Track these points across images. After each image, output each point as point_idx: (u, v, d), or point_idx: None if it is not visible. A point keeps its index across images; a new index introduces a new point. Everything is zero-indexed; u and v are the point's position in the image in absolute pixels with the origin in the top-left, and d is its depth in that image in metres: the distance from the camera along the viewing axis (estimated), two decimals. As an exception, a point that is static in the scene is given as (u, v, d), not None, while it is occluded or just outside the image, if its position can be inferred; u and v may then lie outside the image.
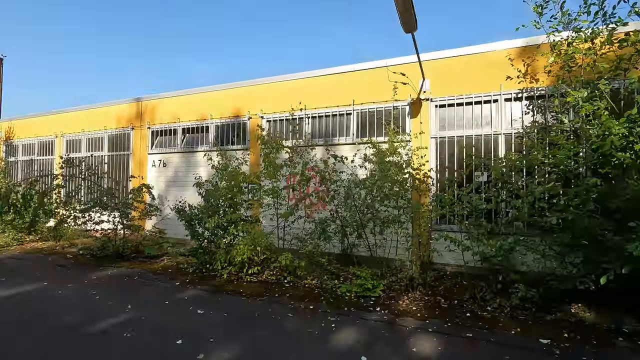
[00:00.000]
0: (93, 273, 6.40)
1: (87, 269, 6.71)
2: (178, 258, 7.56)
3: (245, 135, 8.60)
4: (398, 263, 6.05)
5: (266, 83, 8.38)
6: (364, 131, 7.31)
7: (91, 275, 6.23)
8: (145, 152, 10.00)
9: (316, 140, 7.73)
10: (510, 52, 6.13)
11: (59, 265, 7.02)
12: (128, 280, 5.98)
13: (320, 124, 7.75)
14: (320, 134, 7.75)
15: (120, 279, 6.06)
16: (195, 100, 9.31)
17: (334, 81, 7.63)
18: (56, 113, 12.04)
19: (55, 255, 7.92)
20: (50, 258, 7.69)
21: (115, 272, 6.45)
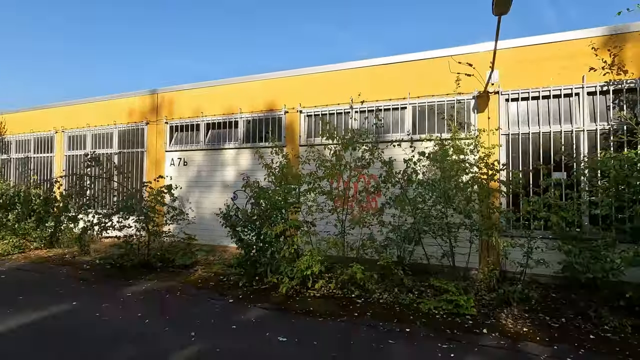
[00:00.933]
0: (124, 288, 5.56)
1: (114, 283, 5.85)
2: (213, 268, 6.77)
3: (281, 131, 7.84)
4: (476, 273, 5.47)
5: (305, 74, 7.64)
6: (422, 127, 6.68)
7: (124, 291, 5.39)
8: (163, 149, 9.10)
9: (365, 137, 7.04)
10: (593, 41, 5.60)
11: (80, 278, 6.12)
12: (170, 296, 5.18)
13: (370, 120, 7.07)
14: (369, 130, 7.07)
15: (159, 295, 5.24)
16: (221, 93, 8.48)
17: (385, 72, 6.97)
18: (56, 106, 10.95)
19: (69, 266, 7.00)
20: (65, 269, 6.77)
21: (149, 287, 5.63)
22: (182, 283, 5.83)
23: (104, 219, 6.74)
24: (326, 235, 5.98)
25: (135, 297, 5.11)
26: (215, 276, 6.23)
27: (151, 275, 6.32)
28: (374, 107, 6.98)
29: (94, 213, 6.94)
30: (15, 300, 4.94)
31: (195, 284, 5.77)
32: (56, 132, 10.78)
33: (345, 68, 7.28)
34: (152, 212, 6.82)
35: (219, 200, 8.35)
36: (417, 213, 5.35)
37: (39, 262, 7.37)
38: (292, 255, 5.17)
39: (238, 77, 8.31)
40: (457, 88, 6.26)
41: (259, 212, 5.66)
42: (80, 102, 10.50)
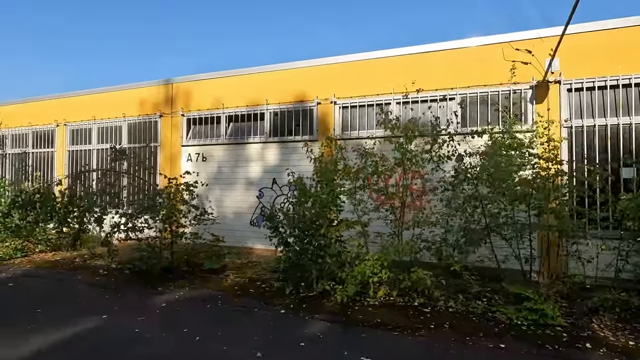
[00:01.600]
0: (155, 297, 4.95)
1: (141, 291, 5.23)
2: (246, 272, 6.18)
3: (312, 123, 7.28)
4: (538, 277, 5.01)
5: (340, 62, 7.08)
6: (473, 119, 6.21)
7: (156, 301, 4.77)
8: (179, 143, 8.44)
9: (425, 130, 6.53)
10: (667, 26, 5.19)
11: (101, 286, 5.47)
12: (211, 306, 4.58)
13: (411, 111, 6.57)
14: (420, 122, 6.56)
15: (199, 305, 4.65)
16: (244, 83, 7.87)
17: (428, 61, 6.47)
18: (57, 97, 10.15)
19: (82, 272, 6.33)
20: (79, 275, 6.10)
21: (183, 295, 5.02)
22: (217, 290, 5.23)
23: (131, 219, 6.08)
24: (374, 236, 5.46)
25: (172, 308, 4.51)
26: (250, 282, 5.65)
27: (179, 281, 5.70)
28: (419, 97, 6.47)
29: (115, 213, 6.25)
30: (33, 314, 4.28)
31: (233, 292, 5.18)
32: (57, 125, 9.99)
33: (385, 56, 6.75)
34: (177, 212, 6.18)
35: (242, 199, 7.77)
36: (485, 212, 4.87)
37: (47, 267, 6.67)
38: (352, 260, 4.62)
39: (264, 66, 7.71)
40: (512, 77, 5.79)
41: (305, 213, 5.09)
42: (84, 93, 9.74)
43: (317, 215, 4.95)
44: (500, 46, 5.96)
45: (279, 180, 7.47)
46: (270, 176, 7.55)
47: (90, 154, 9.56)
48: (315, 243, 4.97)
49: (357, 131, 6.90)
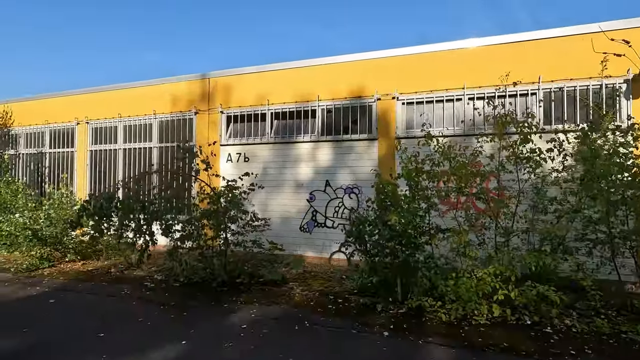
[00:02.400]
0: (227, 316, 4.34)
1: (206, 309, 4.61)
2: (310, 284, 5.60)
3: (371, 121, 6.73)
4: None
5: (403, 55, 6.55)
6: (558, 116, 5.71)
7: (232, 321, 4.16)
8: (217, 143, 7.81)
9: (477, 128, 6.03)
10: None
11: (157, 302, 4.83)
12: (300, 328, 3.98)
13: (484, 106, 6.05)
14: (481, 121, 6.06)
15: (284, 326, 4.05)
16: (292, 77, 7.28)
17: (504, 53, 5.97)
18: (78, 93, 9.44)
19: (126, 285, 5.69)
20: (124, 288, 5.46)
21: (258, 313, 4.41)
22: (293, 307, 4.64)
23: (189, 225, 5.46)
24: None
25: (257, 331, 3.90)
26: (322, 296, 5.06)
27: (242, 296, 5.10)
28: (495, 93, 5.97)
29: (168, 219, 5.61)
30: (97, 340, 3.65)
31: (311, 309, 4.59)
32: (78, 123, 9.28)
33: (453, 48, 6.24)
34: (236, 216, 5.59)
35: (291, 203, 7.18)
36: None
37: (83, 280, 6.00)
38: (463, 273, 4.06)
39: (315, 59, 7.13)
40: (603, 70, 5.30)
41: (395, 220, 4.52)
42: (108, 89, 9.05)
43: (409, 223, 4.38)
44: (589, 36, 5.47)
45: (333, 183, 6.91)
46: (322, 178, 6.98)
47: (115, 154, 8.87)
48: (407, 254, 4.41)
49: (422, 129, 6.35)
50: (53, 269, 6.73)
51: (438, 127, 6.27)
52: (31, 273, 6.42)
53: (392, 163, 6.47)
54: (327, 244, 6.88)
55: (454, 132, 6.14)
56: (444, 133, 6.14)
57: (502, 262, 3.99)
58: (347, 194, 6.81)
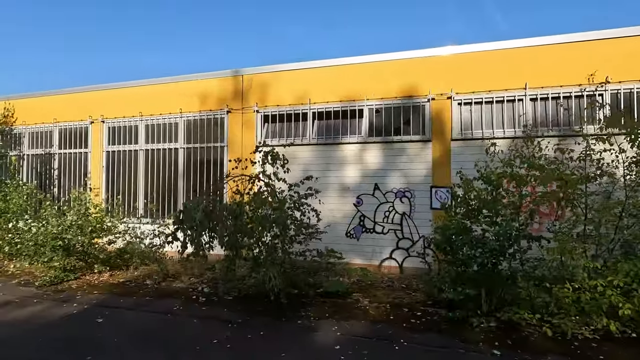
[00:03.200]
0: (309, 335, 3.97)
1: (278, 325, 4.23)
2: (376, 294, 5.27)
3: (424, 122, 6.45)
4: None
5: (457, 53, 6.30)
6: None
7: (321, 341, 3.80)
8: (252, 143, 7.37)
9: (540, 129, 5.84)
10: None
11: (223, 320, 4.38)
12: (402, 349, 3.63)
13: (546, 109, 5.88)
14: (545, 122, 5.88)
15: (380, 344, 3.70)
16: (336, 75, 6.93)
17: (565, 53, 5.80)
18: (92, 90, 8.78)
19: (174, 299, 5.20)
20: (178, 304, 4.96)
21: (341, 330, 4.03)
22: (373, 322, 4.29)
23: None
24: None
25: (353, 351, 3.52)
26: (395, 308, 4.74)
27: (308, 309, 4.71)
28: (559, 93, 5.79)
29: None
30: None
31: (393, 323, 4.24)
32: (92, 122, 8.63)
33: (515, 46, 6.03)
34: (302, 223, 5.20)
35: (336, 207, 6.82)
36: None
37: (121, 294, 5.47)
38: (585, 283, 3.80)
39: (361, 57, 6.80)
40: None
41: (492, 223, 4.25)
42: (127, 85, 8.45)
43: (503, 231, 4.10)
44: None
45: (382, 186, 6.59)
46: (370, 181, 6.66)
47: (136, 156, 8.27)
48: (494, 263, 4.14)
49: (480, 131, 6.13)
50: (79, 281, 6.14)
51: (497, 129, 6.05)
52: (57, 287, 5.82)
53: (447, 166, 6.23)
54: (377, 250, 6.55)
55: (514, 134, 5.93)
56: (504, 135, 5.93)
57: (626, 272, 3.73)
58: (398, 198, 6.51)
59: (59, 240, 5.79)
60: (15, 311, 4.76)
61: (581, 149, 4.49)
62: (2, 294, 5.52)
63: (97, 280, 6.21)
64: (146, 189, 8.14)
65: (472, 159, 6.01)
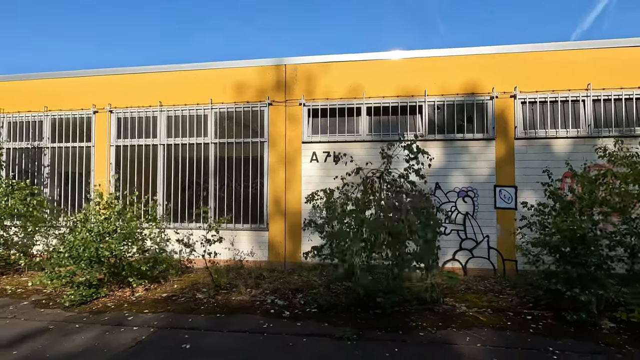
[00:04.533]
0: (447, 347, 3.58)
1: (406, 340, 3.78)
2: (466, 298, 5.01)
3: (486, 120, 6.34)
4: None
5: (520, 52, 6.28)
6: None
7: (469, 354, 3.43)
8: (298, 139, 6.79)
9: (601, 130, 6.01)
10: None
11: (337, 338, 3.84)
12: (557, 356, 3.40)
13: (615, 110, 6.04)
14: (608, 122, 6.05)
15: (533, 356, 3.43)
16: (393, 69, 6.60)
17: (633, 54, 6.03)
18: (95, 74, 7.58)
19: (249, 314, 4.54)
20: (261, 321, 4.31)
21: (473, 341, 3.71)
22: (497, 330, 4.01)
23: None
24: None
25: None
26: (499, 312, 4.51)
27: (413, 318, 4.33)
28: (622, 94, 5.99)
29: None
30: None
31: (517, 329, 4.00)
32: (96, 111, 7.45)
33: (577, 48, 6.14)
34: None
35: (394, 207, 6.46)
36: None
37: (178, 311, 4.67)
38: None
39: (420, 50, 6.55)
40: None
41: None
42: (144, 71, 7.41)
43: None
44: None
45: (444, 185, 6.39)
46: (431, 180, 6.40)
47: (155, 151, 7.26)
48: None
49: (544, 130, 6.16)
50: (111, 298, 5.18)
51: (561, 129, 6.12)
52: (89, 306, 4.84)
53: (511, 165, 6.18)
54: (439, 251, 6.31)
55: (577, 134, 6.03)
56: (567, 135, 6.02)
57: None
58: (460, 197, 6.34)
59: (102, 249, 4.80)
60: (62, 342, 3.81)
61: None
62: (25, 319, 4.46)
63: (131, 296, 5.28)
64: (168, 189, 7.17)
65: (537, 158, 6.07)
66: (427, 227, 4.09)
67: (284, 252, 6.75)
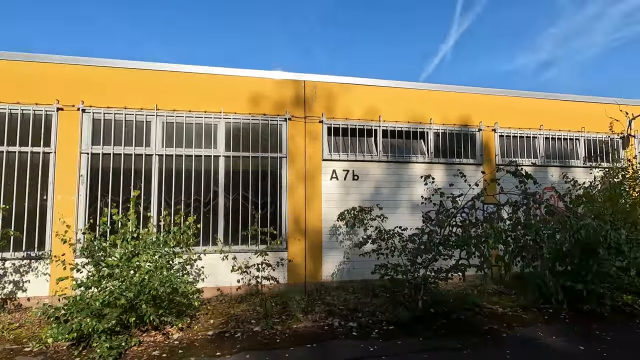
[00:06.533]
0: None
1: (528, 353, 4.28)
2: (505, 303, 5.82)
3: (475, 148, 7.54)
4: None
5: (499, 95, 7.75)
6: (592, 156, 8.17)
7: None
8: (317, 156, 6.74)
9: (550, 160, 7.89)
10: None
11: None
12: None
13: (558, 146, 7.97)
14: (553, 156, 7.96)
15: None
16: (404, 97, 7.24)
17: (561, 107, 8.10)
18: (61, 62, 5.97)
19: (347, 344, 4.36)
20: (388, 348, 4.20)
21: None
22: (543, 329, 4.89)
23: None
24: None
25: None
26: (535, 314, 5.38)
27: (482, 324, 4.89)
28: (556, 136, 7.97)
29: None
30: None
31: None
32: (60, 108, 5.87)
33: (532, 97, 7.94)
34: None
35: (407, 224, 7.03)
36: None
37: (251, 348, 4.13)
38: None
39: (428, 84, 7.42)
40: (610, 130, 8.13)
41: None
42: (135, 67, 6.21)
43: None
44: (601, 106, 8.23)
45: (446, 203, 7.26)
46: (436, 198, 7.21)
47: (147, 163, 6.10)
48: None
49: (515, 159, 7.70)
50: (146, 345, 4.19)
51: (526, 158, 7.74)
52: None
53: (494, 186, 7.48)
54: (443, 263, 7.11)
55: (535, 163, 7.74)
56: (529, 164, 7.69)
57: None
58: (459, 214, 7.29)
59: (165, 287, 3.84)
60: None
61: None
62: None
63: (167, 339, 4.36)
64: (164, 207, 6.09)
65: (512, 181, 7.51)
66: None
67: (304, 273, 6.51)
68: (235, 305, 5.56)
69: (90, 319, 3.76)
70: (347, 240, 6.76)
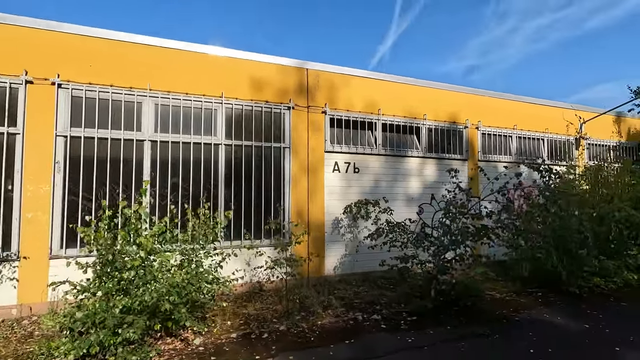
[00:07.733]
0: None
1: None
2: (500, 288, 6.23)
3: (462, 144, 7.94)
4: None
5: (483, 95, 8.24)
6: (553, 155, 9.10)
7: None
8: (320, 148, 6.57)
9: (520, 158, 8.64)
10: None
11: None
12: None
13: (527, 145, 8.72)
14: (523, 153, 8.72)
15: None
16: (402, 92, 7.35)
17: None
18: (38, 27, 4.99)
19: (386, 339, 4.34)
20: (422, 341, 4.21)
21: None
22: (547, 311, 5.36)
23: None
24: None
25: None
26: (529, 298, 5.92)
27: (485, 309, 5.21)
28: (530, 136, 8.74)
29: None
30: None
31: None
32: (29, 81, 4.94)
33: (510, 99, 8.59)
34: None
35: (404, 216, 7.22)
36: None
37: (299, 348, 3.94)
38: None
39: (422, 80, 7.58)
40: (567, 131, 9.17)
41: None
42: (123, 38, 5.42)
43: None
44: (560, 110, 9.22)
45: (436, 196, 7.57)
46: (428, 192, 7.49)
47: (138, 150, 5.41)
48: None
49: (494, 155, 8.28)
50: (167, 354, 3.75)
51: (503, 155, 8.36)
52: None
53: (477, 181, 7.99)
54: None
55: (510, 160, 8.41)
56: (505, 160, 8.33)
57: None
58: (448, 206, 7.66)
59: (199, 290, 3.41)
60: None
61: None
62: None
63: (188, 345, 3.95)
64: (157, 199, 5.47)
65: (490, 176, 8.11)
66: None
67: (307, 267, 6.33)
68: (245, 304, 5.22)
69: (112, 331, 3.23)
70: (348, 233, 6.71)
